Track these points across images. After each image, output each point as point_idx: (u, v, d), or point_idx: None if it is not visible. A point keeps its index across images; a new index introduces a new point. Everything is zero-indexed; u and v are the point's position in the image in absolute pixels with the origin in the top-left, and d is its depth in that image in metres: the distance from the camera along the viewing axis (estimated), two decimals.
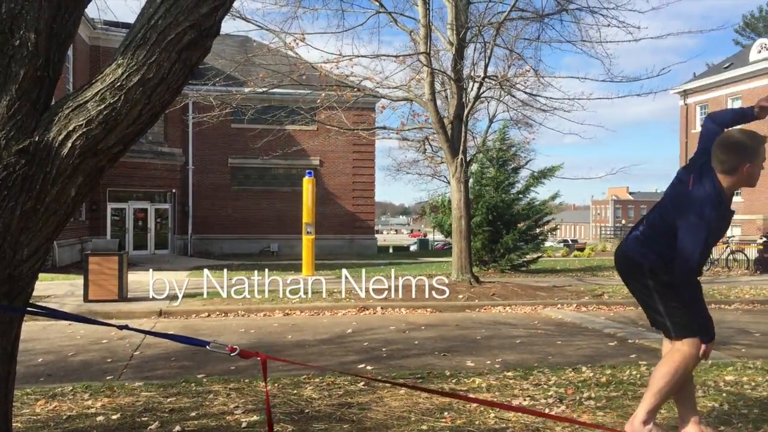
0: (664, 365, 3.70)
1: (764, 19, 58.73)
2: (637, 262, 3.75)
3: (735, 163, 3.51)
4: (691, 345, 3.67)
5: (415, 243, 53.71)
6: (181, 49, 2.65)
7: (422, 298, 11.81)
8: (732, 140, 3.55)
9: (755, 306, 11.85)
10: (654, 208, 3.85)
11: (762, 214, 31.70)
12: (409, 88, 14.10)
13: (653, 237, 3.72)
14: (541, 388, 5.37)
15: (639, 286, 3.80)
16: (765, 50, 35.36)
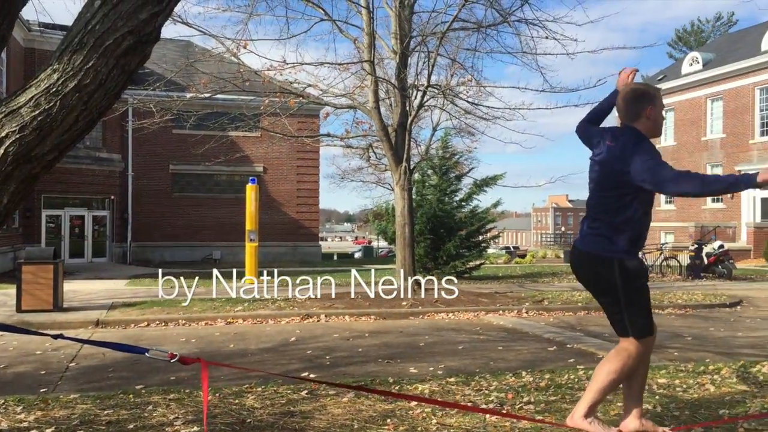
0: (611, 363, 3.79)
1: (696, 33, 61.05)
2: (604, 258, 3.76)
3: (639, 108, 3.77)
4: (641, 345, 3.79)
5: (360, 250, 53.76)
6: (119, 55, 2.61)
7: (366, 306, 11.83)
8: (632, 89, 3.83)
9: (687, 311, 12.27)
10: (588, 202, 3.94)
11: (694, 221, 32.87)
12: (354, 96, 14.14)
13: (606, 224, 3.76)
14: (483, 393, 5.44)
15: (603, 282, 3.82)
16: (696, 63, 36.73)
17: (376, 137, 13.98)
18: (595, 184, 3.88)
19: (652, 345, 3.87)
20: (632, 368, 3.79)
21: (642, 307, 3.78)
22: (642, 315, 3.77)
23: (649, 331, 3.80)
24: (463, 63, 14.94)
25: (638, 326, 3.77)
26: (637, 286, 3.75)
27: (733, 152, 33.43)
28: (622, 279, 3.72)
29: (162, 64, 17.01)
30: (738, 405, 5.02)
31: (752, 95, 32.42)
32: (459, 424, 4.48)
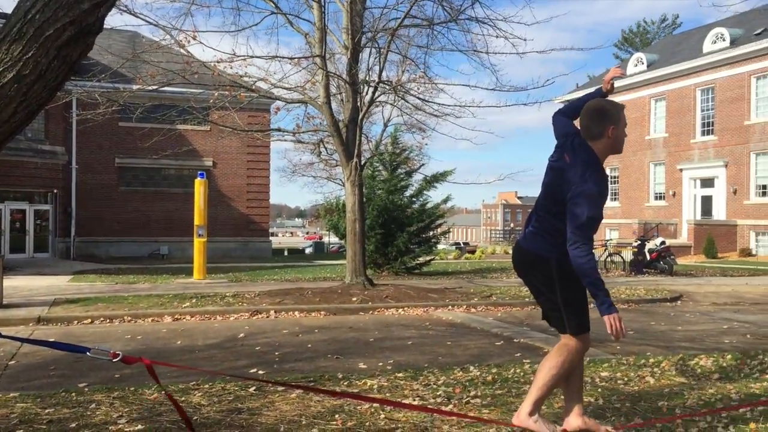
0: (552, 359, 3.88)
1: (641, 34, 62.57)
2: (543, 256, 3.86)
3: (602, 127, 3.80)
4: (580, 341, 3.88)
5: (311, 246, 53.55)
6: (60, 46, 2.54)
7: (316, 301, 11.79)
8: (595, 107, 3.86)
9: (630, 305, 12.59)
10: (538, 201, 4.02)
11: (637, 218, 33.71)
12: (305, 91, 14.05)
13: (549, 228, 3.86)
14: (431, 388, 5.49)
15: (541, 280, 3.92)
16: (641, 64, 37.65)
17: (327, 132, 13.94)
18: (545, 187, 3.97)
19: (589, 341, 3.97)
20: (573, 363, 3.88)
21: (578, 305, 3.88)
22: (578, 312, 3.88)
23: (585, 327, 3.89)
24: (415, 60, 15.02)
25: (575, 323, 3.87)
26: (574, 284, 3.85)
27: (675, 151, 34.40)
28: (559, 277, 3.83)
29: (108, 55, 16.61)
30: (676, 397, 5.18)
31: (694, 96, 33.39)
32: (407, 418, 4.51)
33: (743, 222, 30.42)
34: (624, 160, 37.90)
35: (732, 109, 31.17)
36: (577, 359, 3.92)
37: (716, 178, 32.26)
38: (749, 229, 30.22)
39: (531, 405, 3.85)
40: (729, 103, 31.33)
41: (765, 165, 29.98)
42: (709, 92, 32.70)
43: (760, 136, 29.94)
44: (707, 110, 32.87)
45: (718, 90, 31.97)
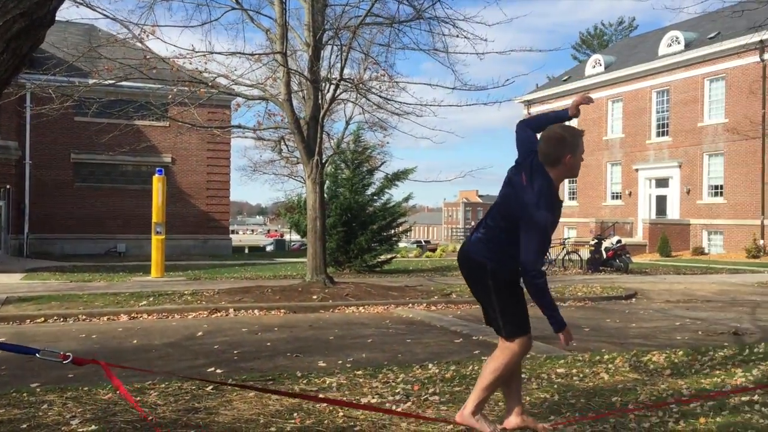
0: (494, 362, 3.98)
1: (598, 36, 63.58)
2: (480, 262, 3.98)
3: (559, 154, 3.85)
4: (518, 344, 3.96)
5: (272, 243, 53.24)
6: (10, 38, 2.48)
7: (276, 300, 11.73)
8: (554, 135, 3.90)
9: (587, 303, 12.80)
10: (491, 209, 4.09)
11: (594, 217, 34.28)
12: (266, 88, 13.95)
13: (494, 238, 3.96)
14: (390, 385, 5.51)
15: (480, 286, 4.04)
16: (599, 66, 38.28)
17: (289, 130, 13.86)
18: (501, 198, 4.02)
19: (529, 342, 4.03)
20: (515, 364, 3.98)
21: (513, 312, 3.96)
22: (513, 319, 3.95)
23: (520, 332, 3.96)
24: (377, 58, 15.02)
25: (509, 329, 3.95)
26: (509, 292, 3.95)
27: (631, 151, 35.06)
28: (494, 285, 3.92)
29: (63, 48, 16.25)
30: (629, 392, 5.29)
31: (649, 97, 34.08)
32: (366, 416, 4.52)
33: (696, 221, 31.17)
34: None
35: (686, 111, 31.90)
36: (519, 361, 4.02)
37: (671, 179, 32.99)
38: (702, 228, 30.98)
39: (474, 405, 3.94)
40: (683, 105, 32.06)
41: (717, 166, 30.76)
42: (664, 94, 33.41)
43: (712, 138, 30.70)
44: (662, 112, 33.58)
45: (673, 92, 32.69)
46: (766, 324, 9.92)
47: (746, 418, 4.57)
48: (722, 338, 8.52)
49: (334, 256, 19.50)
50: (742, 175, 29.19)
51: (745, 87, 28.87)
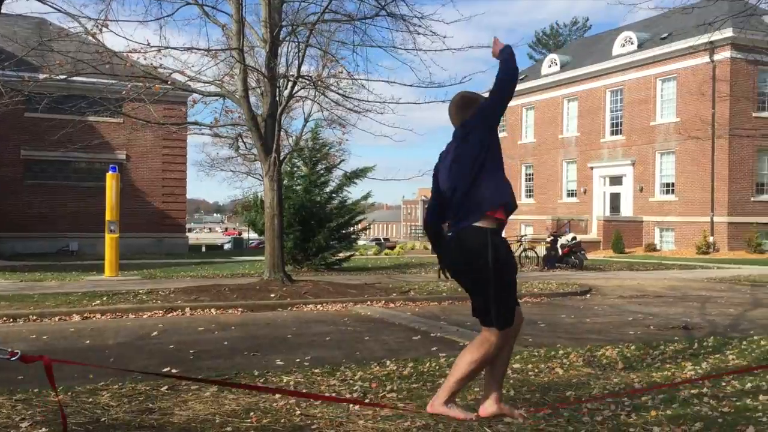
0: (472, 353, 3.93)
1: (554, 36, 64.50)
2: (478, 234, 3.86)
3: (467, 113, 4.04)
4: (500, 336, 3.94)
5: (230, 241, 52.75)
6: None
7: (233, 298, 11.62)
8: (461, 96, 4.16)
9: (542, 299, 12.98)
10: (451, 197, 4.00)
11: (551, 214, 34.80)
12: (223, 84, 13.80)
13: (472, 197, 3.89)
14: (347, 383, 5.51)
15: (475, 275, 3.90)
16: (554, 65, 38.82)
17: (246, 127, 13.73)
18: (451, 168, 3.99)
19: (510, 333, 4.02)
20: (492, 357, 3.95)
21: (508, 301, 3.93)
22: (507, 309, 3.91)
23: (509, 323, 3.96)
24: (335, 55, 14.98)
25: (502, 319, 3.90)
26: (507, 276, 3.90)
27: (586, 150, 35.66)
28: (494, 261, 3.83)
29: (12, 42, 15.81)
30: (583, 386, 5.39)
31: (604, 97, 34.71)
32: (323, 414, 4.51)
33: (649, 218, 31.87)
34: (538, 158, 39.02)
35: (639, 110, 32.58)
36: (496, 353, 3.98)
37: (624, 177, 33.66)
38: (654, 225, 31.69)
39: (447, 395, 3.92)
40: (636, 104, 32.73)
41: (669, 164, 31.49)
42: (618, 93, 34.06)
43: (664, 137, 31.42)
44: (616, 111, 34.23)
45: (627, 91, 33.34)
46: (714, 319, 10.20)
47: (695, 410, 4.69)
48: (673, 333, 8.72)
49: (292, 254, 19.41)
50: (693, 174, 29.94)
51: (695, 87, 29.60)
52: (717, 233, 28.85)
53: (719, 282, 16.50)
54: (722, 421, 4.43)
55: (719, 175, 28.86)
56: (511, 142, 40.75)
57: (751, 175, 29.20)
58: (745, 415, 4.56)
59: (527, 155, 39.87)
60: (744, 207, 28.91)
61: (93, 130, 27.36)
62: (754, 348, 7.12)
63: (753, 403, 4.84)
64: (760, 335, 8.09)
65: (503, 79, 3.90)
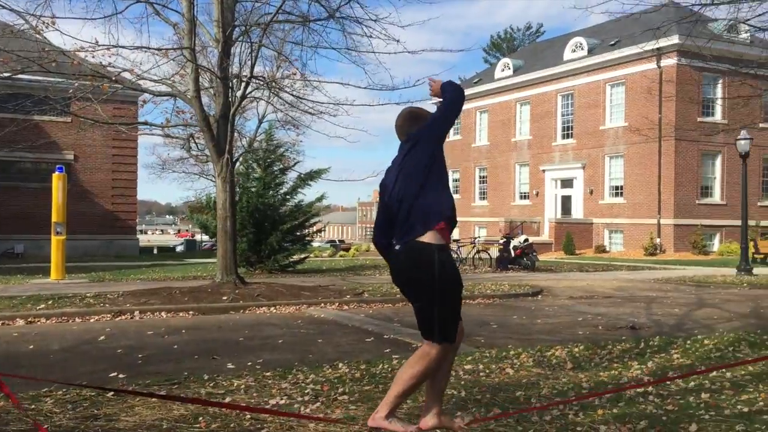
0: (413, 367, 3.91)
1: (508, 40, 65.31)
2: (424, 249, 3.83)
3: (416, 128, 4.06)
4: (441, 350, 3.94)
5: (182, 244, 51.97)
6: None
7: (184, 301, 11.44)
8: (409, 111, 4.20)
9: (495, 300, 13.11)
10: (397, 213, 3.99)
11: (504, 216, 35.21)
12: (174, 84, 13.58)
13: (418, 223, 3.87)
14: (299, 386, 5.47)
15: (420, 289, 3.88)
16: (508, 69, 39.30)
17: (198, 127, 13.54)
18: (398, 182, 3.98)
19: (449, 348, 4.01)
20: (434, 371, 3.95)
21: (452, 316, 3.92)
22: (449, 324, 3.92)
23: (451, 338, 3.95)
24: (289, 56, 14.90)
25: (442, 334, 3.88)
26: (453, 290, 3.90)
27: (538, 153, 36.20)
28: (440, 277, 3.81)
29: None
30: (533, 387, 5.46)
31: (555, 101, 35.29)
32: (273, 418, 4.47)
33: (598, 220, 32.51)
34: (492, 161, 39.46)
35: (589, 115, 33.22)
36: (437, 367, 3.97)
37: (575, 179, 34.27)
38: (603, 227, 32.33)
39: (387, 409, 3.90)
40: (586, 108, 33.36)
41: (617, 167, 32.18)
42: (569, 98, 34.67)
43: (613, 141, 32.10)
44: (567, 115, 34.84)
45: (577, 96, 33.96)
46: (660, 318, 10.45)
47: (641, 408, 4.79)
48: (620, 333, 8.90)
49: (245, 256, 19.21)
50: (641, 177, 30.65)
51: (643, 92, 30.32)
52: (663, 235, 29.58)
53: (665, 283, 16.92)
54: (666, 419, 4.54)
55: (666, 179, 29.61)
56: (465, 144, 41.14)
57: (696, 179, 30.04)
58: (689, 413, 4.68)
59: (481, 158, 40.28)
60: (689, 209, 29.72)
61: (39, 130, 26.66)
62: (698, 347, 7.33)
63: (696, 401, 4.98)
64: (703, 335, 8.32)
65: (452, 99, 4.01)
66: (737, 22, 8.72)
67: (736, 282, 16.61)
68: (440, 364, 3.94)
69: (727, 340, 7.71)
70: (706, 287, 15.89)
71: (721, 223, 30.17)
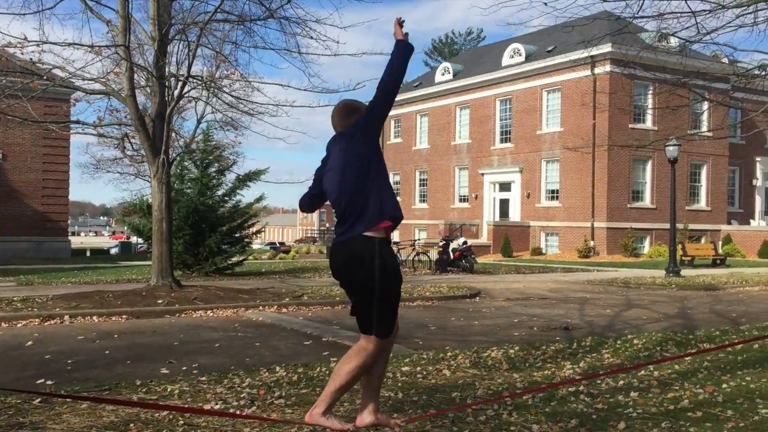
0: (349, 362, 3.93)
1: (449, 45, 66.05)
2: (366, 244, 3.85)
3: (351, 120, 4.06)
4: (378, 344, 3.96)
5: (117, 246, 50.68)
6: None
7: (117, 305, 11.15)
8: (344, 104, 4.19)
9: (434, 302, 13.23)
10: (336, 204, 4.02)
11: (443, 219, 35.55)
12: (108, 82, 13.23)
13: (358, 207, 3.89)
14: (235, 390, 5.41)
15: (362, 277, 3.88)
16: (448, 73, 39.73)
17: (133, 127, 13.22)
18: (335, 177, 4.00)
19: (389, 343, 4.07)
20: (370, 366, 3.97)
21: (391, 310, 3.96)
22: (388, 318, 3.95)
23: (389, 333, 3.99)
24: (229, 56, 14.69)
25: (382, 329, 3.92)
26: (393, 284, 3.93)
27: (477, 157, 36.70)
28: (380, 271, 3.85)
29: None
30: (469, 388, 5.53)
31: (494, 106, 35.85)
32: (207, 423, 4.41)
33: (535, 223, 33.17)
34: (432, 164, 39.81)
35: (526, 120, 33.87)
36: (375, 361, 4.00)
37: (513, 183, 34.89)
38: (540, 230, 33.01)
39: (325, 406, 3.91)
40: (524, 113, 34.01)
41: (553, 172, 32.90)
42: (507, 103, 35.27)
43: (549, 145, 32.81)
44: (505, 120, 35.44)
45: (515, 101, 34.59)
46: (592, 319, 10.73)
47: (572, 407, 4.91)
48: (554, 333, 9.11)
49: (182, 258, 18.87)
50: (575, 181, 31.42)
51: (578, 99, 31.10)
52: (597, 238, 30.39)
53: (598, 284, 17.39)
54: (596, 417, 4.66)
55: (599, 183, 30.42)
56: (406, 147, 41.39)
57: (628, 183, 30.97)
58: (617, 411, 4.82)
59: (421, 161, 40.58)
60: (621, 213, 30.61)
61: None
62: (628, 347, 7.56)
63: (625, 400, 5.13)
64: (633, 335, 8.58)
65: (387, 82, 3.93)
66: (666, 34, 9.02)
67: (664, 283, 17.19)
68: (377, 358, 3.98)
69: (655, 340, 7.98)
70: (637, 288, 16.40)
71: (651, 227, 31.18)
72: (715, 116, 27.91)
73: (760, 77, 9.67)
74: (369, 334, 3.91)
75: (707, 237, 32.07)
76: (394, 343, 4.15)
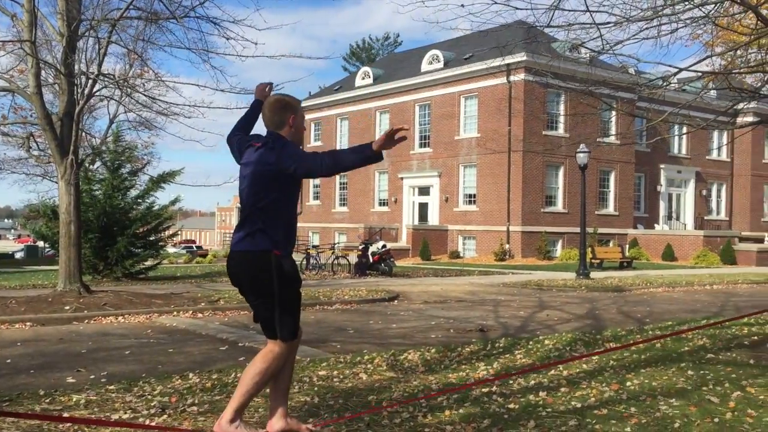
0: (256, 366, 3.92)
1: (367, 50, 66.40)
2: (261, 254, 3.87)
3: (283, 116, 4.06)
4: (285, 347, 3.95)
5: (23, 250, 48.40)
6: None
7: (21, 311, 10.64)
8: (276, 99, 4.14)
9: (352, 305, 13.24)
10: (243, 205, 4.03)
11: (363, 223, 35.66)
12: (12, 78, 12.63)
13: (259, 220, 3.89)
14: (145, 398, 5.25)
15: (259, 284, 3.89)
16: (367, 78, 39.93)
17: (39, 126, 12.66)
18: (247, 181, 4.00)
19: (296, 346, 4.08)
20: (277, 370, 3.96)
21: (293, 313, 3.97)
22: (292, 320, 3.96)
23: (294, 335, 4.00)
24: (141, 54, 14.26)
25: (286, 331, 3.94)
26: (292, 289, 3.96)
27: (397, 161, 37.00)
28: (278, 278, 3.88)
29: None
30: (385, 390, 5.56)
31: (413, 110, 36.26)
32: None
33: (453, 227, 33.72)
34: None
35: (445, 125, 34.42)
36: (281, 366, 3.99)
37: (431, 187, 35.37)
38: (458, 233, 33.58)
39: (233, 412, 3.86)
40: (443, 119, 34.55)
41: (471, 176, 33.55)
42: (426, 108, 35.75)
43: (467, 150, 33.44)
44: (425, 124, 35.91)
45: (434, 106, 35.10)
46: (507, 321, 10.99)
47: (485, 408, 5.01)
48: (470, 335, 9.27)
49: (91, 263, 18.20)
50: (492, 186, 32.14)
51: (494, 105, 31.84)
52: (512, 241, 31.16)
53: (513, 287, 17.83)
54: (508, 417, 4.78)
55: (514, 188, 31.23)
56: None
57: (542, 188, 31.91)
58: (528, 410, 4.96)
59: None
60: (535, 217, 31.51)
61: None
62: (539, 347, 7.77)
63: (535, 399, 5.27)
64: (544, 335, 8.84)
65: (340, 166, 3.83)
66: (575, 44, 9.35)
67: (575, 285, 17.79)
68: (284, 361, 3.97)
69: (565, 340, 8.24)
70: (549, 290, 16.91)
71: (563, 230, 32.22)
72: (622, 124, 29.12)
73: (662, 87, 10.14)
74: (274, 339, 3.94)
75: (615, 240, 33.41)
76: (299, 345, 4.15)
